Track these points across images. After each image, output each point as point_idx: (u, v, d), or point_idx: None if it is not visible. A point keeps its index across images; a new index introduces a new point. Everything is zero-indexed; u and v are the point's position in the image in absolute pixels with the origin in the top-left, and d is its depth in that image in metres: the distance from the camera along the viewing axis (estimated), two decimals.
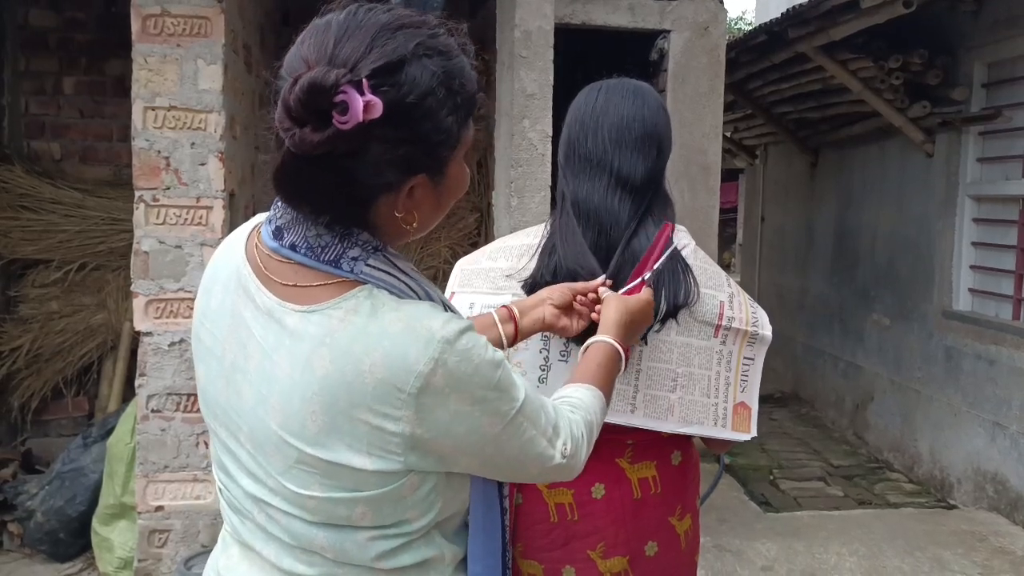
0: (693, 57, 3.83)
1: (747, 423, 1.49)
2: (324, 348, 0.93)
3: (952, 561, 3.80)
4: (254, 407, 0.99)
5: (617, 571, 1.50)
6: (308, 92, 0.86)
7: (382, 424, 0.93)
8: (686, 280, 1.45)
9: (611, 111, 1.49)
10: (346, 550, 1.01)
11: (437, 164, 0.97)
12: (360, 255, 0.97)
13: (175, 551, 3.13)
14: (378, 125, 0.87)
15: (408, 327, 0.93)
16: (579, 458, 1.12)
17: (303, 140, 0.86)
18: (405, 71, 0.90)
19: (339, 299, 0.95)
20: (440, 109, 0.93)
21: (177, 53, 3.05)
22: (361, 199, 0.95)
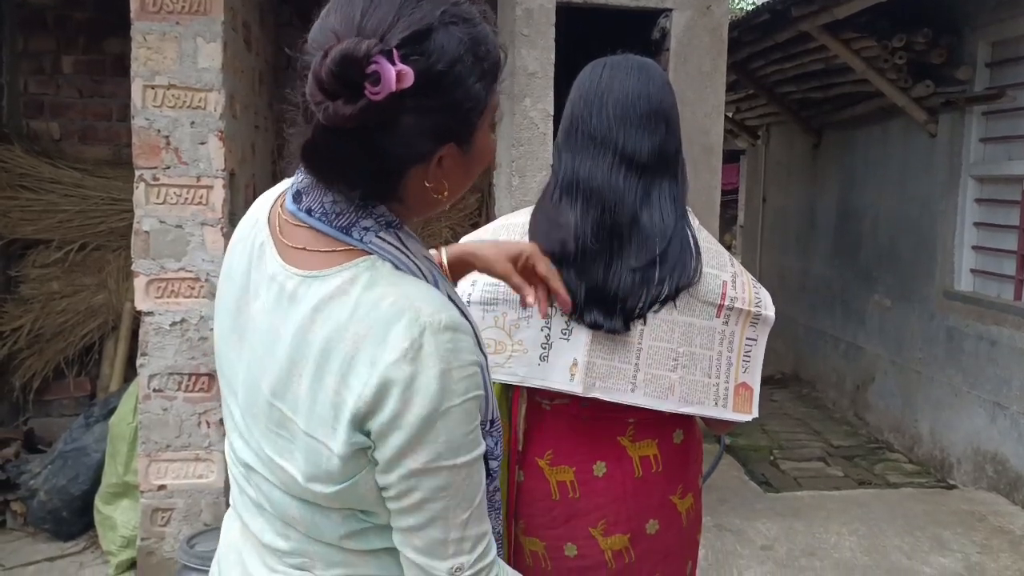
0: (695, 36, 3.80)
1: (748, 404, 1.48)
2: (319, 315, 0.93)
3: (951, 540, 3.82)
4: (249, 367, 1.00)
5: (618, 548, 1.50)
6: (340, 64, 0.84)
7: (347, 398, 0.91)
8: (692, 259, 1.44)
9: (616, 87, 1.48)
10: (317, 525, 1.00)
11: (467, 132, 0.96)
12: (372, 226, 0.97)
13: (178, 529, 3.14)
14: (409, 95, 0.86)
15: (398, 304, 0.91)
16: None
17: (336, 113, 0.85)
18: (433, 39, 0.89)
19: (341, 267, 0.95)
20: (469, 76, 0.92)
21: (176, 31, 3.03)
22: (393, 171, 0.94)
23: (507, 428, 1.53)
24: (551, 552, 1.52)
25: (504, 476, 1.53)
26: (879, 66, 4.90)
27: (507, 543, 1.55)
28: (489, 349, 1.46)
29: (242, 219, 1.09)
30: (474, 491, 0.96)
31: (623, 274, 1.43)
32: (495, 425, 1.06)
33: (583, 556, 1.50)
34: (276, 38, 4.41)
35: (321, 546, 1.02)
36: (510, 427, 1.53)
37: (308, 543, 1.02)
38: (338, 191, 0.96)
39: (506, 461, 1.53)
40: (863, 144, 6.10)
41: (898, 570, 3.54)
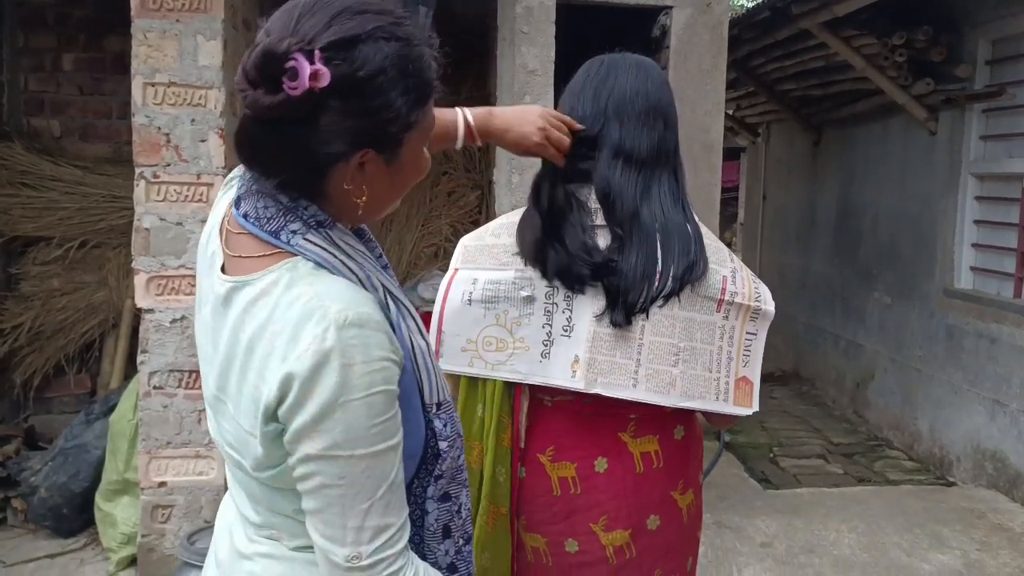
0: (695, 34, 3.80)
1: (749, 398, 1.49)
2: (247, 315, 1.00)
3: (951, 537, 3.82)
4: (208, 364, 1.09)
5: (619, 544, 1.51)
6: (262, 57, 0.92)
7: (262, 390, 0.97)
8: (696, 254, 1.45)
9: (613, 85, 1.49)
10: (274, 500, 1.07)
11: (388, 142, 1.01)
12: (300, 229, 1.02)
13: (178, 526, 3.15)
14: (328, 96, 0.93)
15: (310, 303, 0.96)
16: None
17: (256, 102, 0.93)
18: (359, 48, 0.94)
19: (267, 270, 1.01)
20: (391, 89, 0.97)
21: (176, 28, 3.03)
22: (313, 167, 0.99)
23: (509, 425, 1.53)
24: (552, 548, 1.53)
25: (506, 472, 1.53)
26: (879, 64, 4.90)
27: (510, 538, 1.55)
28: (491, 347, 1.48)
29: (204, 229, 1.16)
30: (376, 483, 0.98)
31: (625, 268, 1.43)
32: (444, 408, 1.11)
33: (584, 552, 1.51)
34: None
35: (282, 519, 1.08)
36: (512, 424, 1.53)
37: (273, 516, 1.09)
38: (268, 188, 1.02)
39: (508, 457, 1.53)
40: (863, 142, 6.11)
41: (897, 567, 3.54)
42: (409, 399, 1.05)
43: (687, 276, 1.43)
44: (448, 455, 1.11)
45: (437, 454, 1.10)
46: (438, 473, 1.11)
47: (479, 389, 1.54)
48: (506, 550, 1.55)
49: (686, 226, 1.48)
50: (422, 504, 1.11)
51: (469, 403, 1.56)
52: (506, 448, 1.53)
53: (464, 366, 1.50)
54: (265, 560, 1.11)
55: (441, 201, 4.50)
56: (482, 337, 1.48)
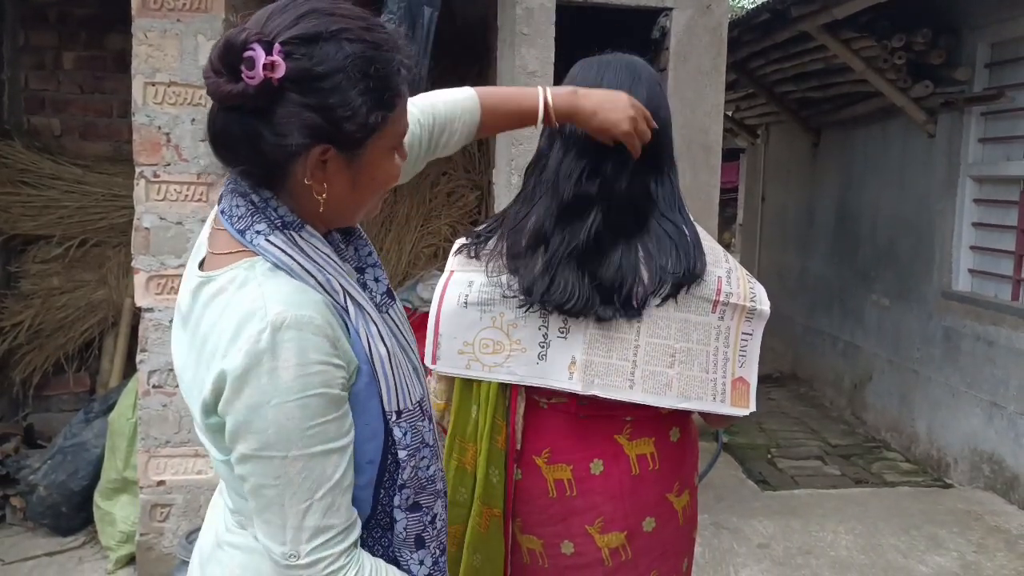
0: (695, 35, 3.81)
1: (745, 398, 1.49)
2: (206, 310, 1.04)
3: (947, 539, 3.83)
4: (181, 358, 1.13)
5: (615, 546, 1.51)
6: (224, 47, 0.97)
7: (206, 383, 1.00)
8: (692, 253, 1.45)
9: (604, 86, 1.48)
10: (236, 483, 1.08)
11: (346, 140, 1.01)
12: (264, 230, 1.04)
13: (177, 525, 3.15)
14: (286, 88, 0.96)
15: (255, 303, 0.99)
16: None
17: (217, 89, 0.98)
18: (320, 45, 0.97)
19: (228, 268, 1.04)
20: (350, 88, 0.98)
21: (177, 28, 3.04)
22: (272, 159, 1.01)
23: (503, 427, 1.53)
24: (548, 550, 1.53)
25: (500, 474, 1.54)
26: (878, 66, 4.91)
27: (503, 539, 1.56)
28: (487, 349, 1.48)
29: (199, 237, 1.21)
30: (314, 484, 0.99)
31: (617, 266, 1.43)
32: (403, 415, 1.10)
33: (580, 554, 1.51)
34: None
35: (245, 503, 1.09)
36: (506, 425, 1.54)
37: (241, 502, 1.11)
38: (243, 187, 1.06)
39: (502, 459, 1.54)
40: (862, 144, 6.11)
41: (894, 569, 3.55)
42: (365, 404, 1.06)
43: (685, 278, 1.44)
44: (408, 464, 1.11)
45: (397, 463, 1.10)
46: (401, 482, 1.11)
47: (474, 391, 1.54)
48: (499, 551, 1.56)
49: (683, 228, 1.48)
50: (390, 512, 1.12)
51: (464, 404, 1.56)
52: (500, 450, 1.53)
53: (461, 368, 1.50)
54: (232, 550, 1.14)
55: (440, 201, 4.50)
56: (479, 339, 1.49)
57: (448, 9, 3.34)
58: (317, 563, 1.01)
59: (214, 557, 1.17)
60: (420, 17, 3.17)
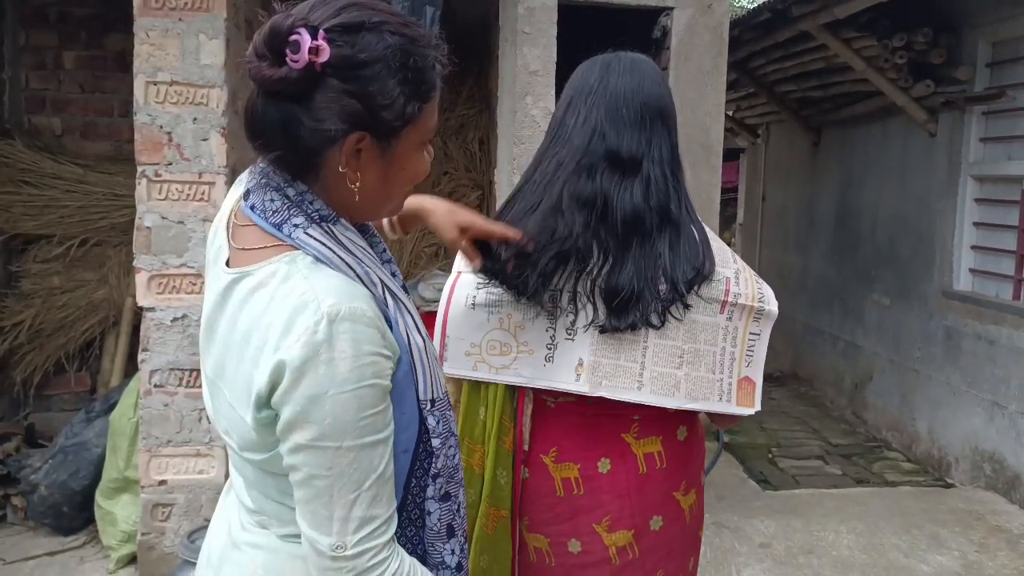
0: (696, 35, 3.81)
1: (751, 398, 1.49)
2: (245, 305, 1.04)
3: (949, 539, 3.83)
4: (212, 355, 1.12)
5: (622, 545, 1.51)
6: (270, 31, 0.99)
7: (256, 379, 1.00)
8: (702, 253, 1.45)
9: (609, 86, 1.48)
10: (266, 484, 1.10)
11: (382, 129, 1.03)
12: (302, 223, 1.05)
13: (178, 525, 3.15)
14: (327, 74, 0.98)
15: (305, 296, 0.99)
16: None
17: (260, 72, 0.99)
18: (362, 35, 1.00)
19: (267, 262, 1.04)
20: (389, 77, 1.01)
21: (179, 27, 3.03)
22: (309, 145, 1.02)
23: (511, 428, 1.53)
24: (555, 548, 1.53)
25: (507, 475, 1.54)
26: (879, 65, 4.91)
27: (511, 539, 1.56)
28: (495, 351, 1.48)
29: (212, 224, 1.20)
30: (363, 475, 1.01)
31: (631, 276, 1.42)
32: (438, 404, 1.13)
33: (587, 552, 1.51)
34: None
35: (274, 504, 1.11)
36: (513, 426, 1.54)
37: (265, 502, 1.12)
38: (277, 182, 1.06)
39: (509, 460, 1.54)
40: (863, 143, 6.11)
41: (896, 568, 3.55)
42: (403, 394, 1.07)
43: (695, 280, 1.43)
44: (441, 452, 1.14)
45: (430, 451, 1.12)
46: (435, 472, 1.13)
47: (482, 392, 1.54)
48: (506, 552, 1.56)
49: (691, 228, 1.48)
50: (421, 504, 1.13)
51: (472, 406, 1.56)
52: (507, 451, 1.53)
53: (469, 370, 1.50)
54: (252, 550, 1.13)
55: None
56: (486, 341, 1.48)
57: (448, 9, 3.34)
58: (363, 554, 1.01)
59: (229, 558, 1.16)
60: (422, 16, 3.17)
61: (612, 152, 1.45)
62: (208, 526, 1.27)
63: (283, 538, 1.11)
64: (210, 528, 1.27)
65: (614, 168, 1.45)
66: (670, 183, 1.48)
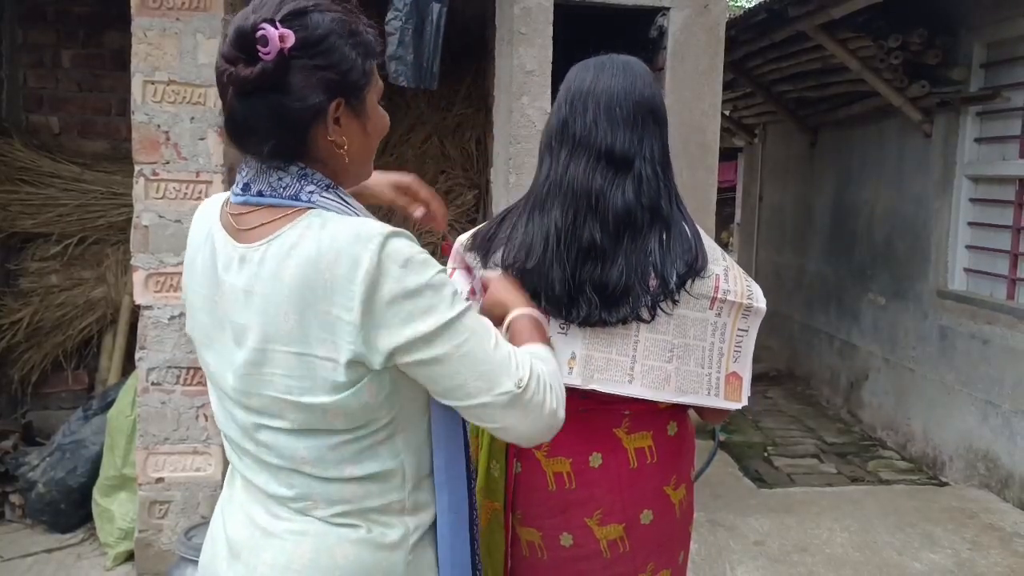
0: (692, 35, 3.82)
1: (738, 392, 1.52)
2: (289, 259, 1.09)
3: (942, 537, 3.85)
4: (237, 342, 1.14)
5: (613, 538, 1.53)
6: (236, 34, 1.08)
7: (340, 315, 1.07)
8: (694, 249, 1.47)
9: (601, 88, 1.50)
10: (323, 458, 1.14)
11: (353, 90, 1.15)
12: (315, 190, 1.14)
13: (175, 522, 3.17)
14: (295, 57, 1.08)
15: (354, 231, 1.08)
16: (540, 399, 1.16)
17: (238, 76, 1.07)
18: (310, 16, 1.11)
19: (293, 224, 1.11)
20: (344, 45, 1.12)
21: (176, 27, 3.05)
22: (297, 127, 1.12)
23: None
24: (547, 542, 1.55)
25: (501, 468, 1.56)
26: (875, 66, 4.93)
27: (504, 533, 1.57)
28: None
29: (189, 242, 1.26)
30: (485, 326, 1.15)
31: (622, 272, 1.44)
32: None
33: (579, 546, 1.53)
34: None
35: (323, 484, 1.15)
36: None
37: (312, 485, 1.16)
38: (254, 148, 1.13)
39: (503, 453, 1.55)
40: (859, 143, 6.13)
41: (889, 566, 3.57)
42: None
43: (688, 275, 1.45)
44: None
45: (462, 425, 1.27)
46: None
47: None
48: (499, 545, 1.57)
49: (683, 224, 1.50)
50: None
51: None
52: (499, 445, 1.55)
53: None
54: (296, 537, 1.16)
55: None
56: None
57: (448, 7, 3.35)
58: (532, 371, 1.16)
59: (267, 546, 1.18)
60: (429, 13, 3.18)
61: (606, 150, 1.47)
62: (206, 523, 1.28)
63: (329, 521, 1.16)
64: (221, 516, 1.27)
65: (607, 166, 1.47)
66: (661, 181, 1.50)
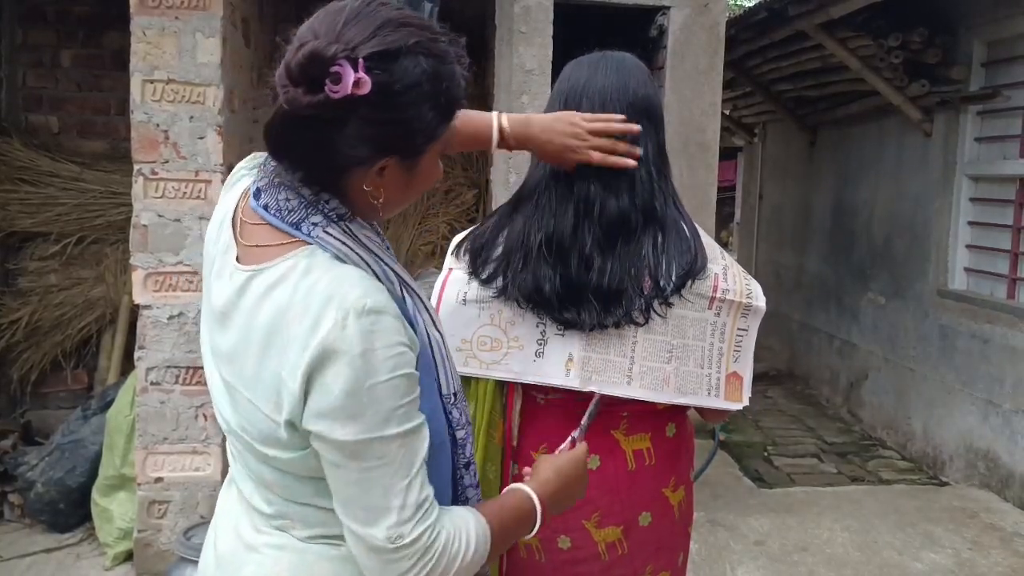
0: (692, 34, 3.82)
1: (739, 392, 1.50)
2: (264, 300, 1.03)
3: (943, 536, 3.85)
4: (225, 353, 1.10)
5: (611, 540, 1.52)
6: (309, 58, 0.96)
7: (285, 377, 1.00)
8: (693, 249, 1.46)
9: (594, 86, 1.49)
10: (289, 487, 1.09)
11: (410, 151, 1.05)
12: (321, 222, 1.05)
13: (174, 522, 3.16)
14: (363, 103, 0.96)
15: (329, 289, 0.99)
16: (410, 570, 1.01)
17: (295, 100, 0.96)
18: (399, 61, 0.98)
19: (284, 257, 1.04)
20: (423, 103, 1.01)
21: (176, 26, 3.04)
22: (335, 166, 1.03)
23: (500, 423, 1.54)
24: (545, 544, 1.54)
25: (496, 470, 1.55)
26: (875, 65, 4.93)
27: None
28: (485, 347, 1.48)
29: (212, 219, 1.19)
30: (411, 459, 1.01)
31: (615, 272, 1.43)
32: (459, 397, 1.16)
33: (576, 548, 1.52)
34: (274, 33, 4.41)
35: (298, 507, 1.10)
36: (503, 422, 1.54)
37: (286, 505, 1.11)
38: (285, 169, 1.06)
39: (499, 455, 1.55)
40: (859, 142, 6.13)
41: (889, 566, 3.56)
42: (425, 389, 1.07)
43: (687, 276, 1.44)
44: (467, 442, 1.18)
45: (456, 442, 1.15)
46: (466, 461, 1.17)
47: (471, 387, 1.55)
48: None
49: (681, 224, 1.49)
50: (464, 494, 1.18)
51: None
52: (497, 446, 1.54)
53: (459, 366, 1.49)
54: (276, 552, 1.12)
55: (438, 199, 4.51)
56: (477, 337, 1.49)
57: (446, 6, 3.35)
58: (420, 537, 1.01)
59: (248, 560, 1.14)
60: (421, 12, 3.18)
61: None
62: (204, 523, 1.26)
63: (307, 540, 1.10)
64: (214, 525, 1.25)
65: (600, 167, 1.46)
66: (656, 182, 1.49)
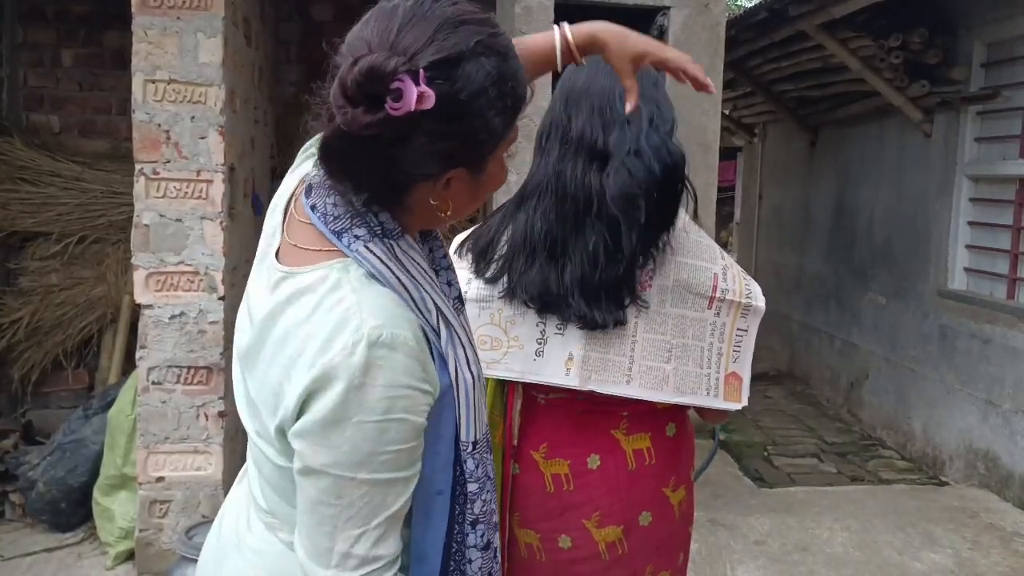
0: (693, 34, 3.82)
1: (738, 392, 1.51)
2: (288, 307, 0.98)
3: (943, 536, 3.85)
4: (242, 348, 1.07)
5: (612, 540, 1.52)
6: (367, 75, 0.87)
7: (285, 389, 0.96)
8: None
9: (595, 88, 1.49)
10: (283, 487, 1.05)
11: (478, 160, 0.98)
12: (364, 236, 0.99)
13: (176, 521, 3.17)
14: (427, 117, 0.88)
15: (349, 311, 0.94)
16: None
17: (354, 120, 0.88)
18: (462, 67, 0.90)
19: (317, 266, 0.99)
20: (489, 109, 0.93)
21: (177, 26, 3.04)
22: (400, 184, 0.97)
23: (500, 423, 1.55)
24: (545, 544, 1.54)
25: (499, 469, 1.55)
26: (875, 65, 4.93)
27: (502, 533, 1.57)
28: (485, 346, 1.48)
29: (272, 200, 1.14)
30: (373, 511, 0.95)
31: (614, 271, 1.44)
32: (480, 447, 1.07)
33: (577, 548, 1.53)
34: (276, 33, 4.42)
35: (288, 509, 1.05)
36: (503, 422, 1.55)
37: (279, 504, 1.07)
38: (342, 193, 0.99)
39: (499, 455, 1.55)
40: (859, 142, 6.13)
41: (889, 566, 3.57)
42: (440, 434, 1.01)
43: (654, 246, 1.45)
44: (479, 497, 1.08)
45: (467, 496, 1.06)
46: (473, 518, 1.08)
47: None
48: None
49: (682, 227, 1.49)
50: (464, 553, 1.08)
51: None
52: (497, 445, 1.54)
53: None
54: (254, 556, 1.09)
55: None
56: (477, 336, 1.48)
57: None
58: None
59: (229, 559, 1.12)
60: None
61: (599, 151, 1.46)
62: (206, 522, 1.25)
63: (290, 545, 1.05)
64: (223, 509, 1.22)
65: (600, 167, 1.46)
66: None
